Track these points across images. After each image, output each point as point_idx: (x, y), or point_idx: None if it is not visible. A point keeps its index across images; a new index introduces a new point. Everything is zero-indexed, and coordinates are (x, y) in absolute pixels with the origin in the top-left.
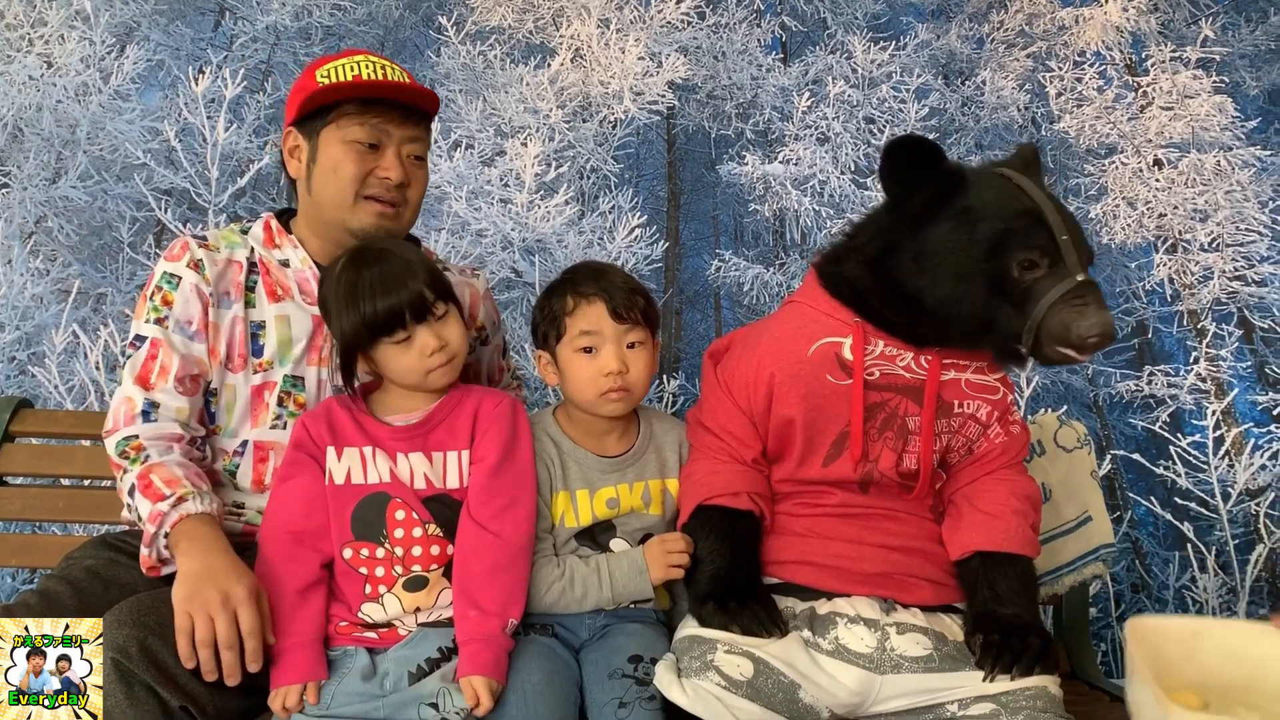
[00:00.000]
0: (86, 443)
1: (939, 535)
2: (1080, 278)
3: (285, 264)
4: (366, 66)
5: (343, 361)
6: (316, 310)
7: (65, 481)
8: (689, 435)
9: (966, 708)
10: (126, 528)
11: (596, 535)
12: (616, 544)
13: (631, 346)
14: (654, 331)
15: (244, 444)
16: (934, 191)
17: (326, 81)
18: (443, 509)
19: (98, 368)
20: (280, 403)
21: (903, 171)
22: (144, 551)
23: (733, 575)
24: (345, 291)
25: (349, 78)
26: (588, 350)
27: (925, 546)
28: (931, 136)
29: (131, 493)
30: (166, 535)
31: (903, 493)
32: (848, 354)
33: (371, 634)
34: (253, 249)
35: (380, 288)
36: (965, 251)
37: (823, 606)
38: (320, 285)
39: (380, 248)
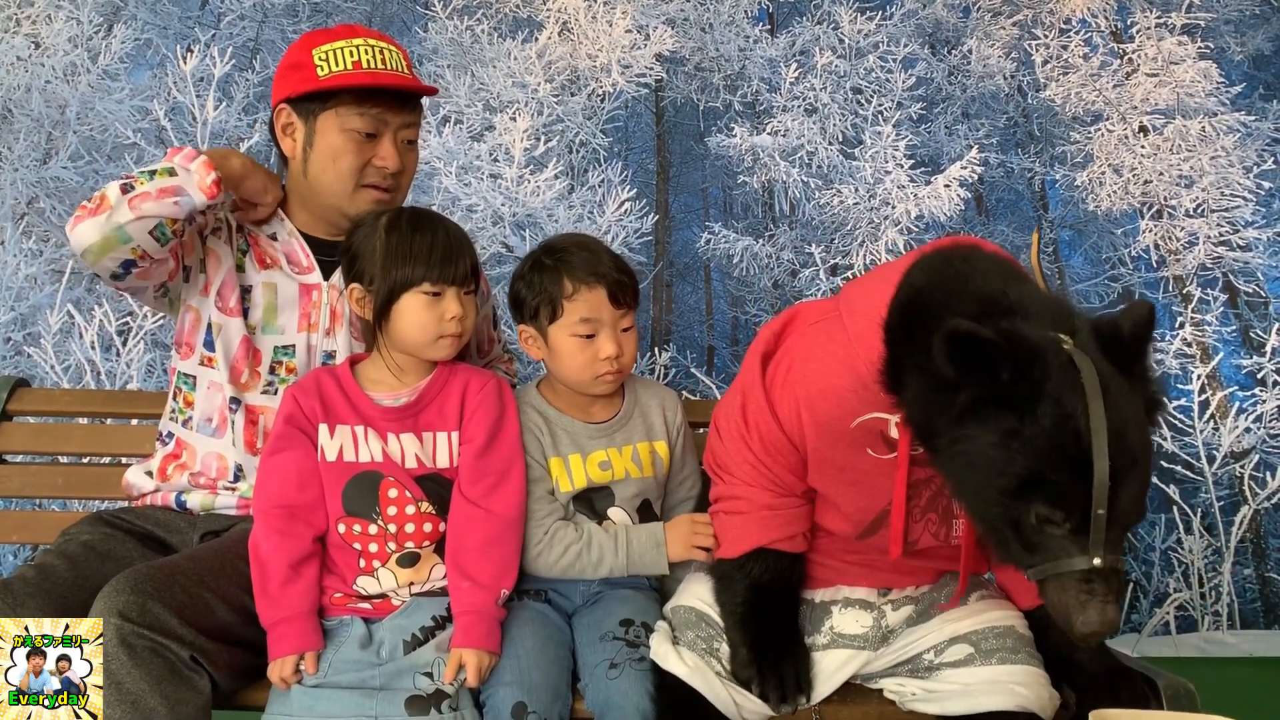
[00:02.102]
0: (84, 420)
1: (959, 554)
2: (1097, 562)
3: (273, 238)
4: (366, 52)
5: (381, 308)
6: (304, 279)
7: (63, 459)
8: (724, 439)
9: (941, 653)
10: (124, 504)
11: (594, 502)
12: (614, 512)
13: (625, 330)
14: (637, 306)
15: (236, 402)
16: (986, 392)
17: (326, 66)
18: (435, 487)
19: (93, 347)
20: (272, 370)
21: (957, 361)
22: (190, 177)
23: (777, 624)
24: (400, 244)
25: (349, 64)
26: (587, 336)
27: (938, 565)
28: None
29: (128, 190)
30: (200, 152)
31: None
32: (893, 432)
33: (366, 605)
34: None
35: (444, 249)
36: (992, 479)
37: (818, 597)
38: (352, 235)
39: (435, 214)
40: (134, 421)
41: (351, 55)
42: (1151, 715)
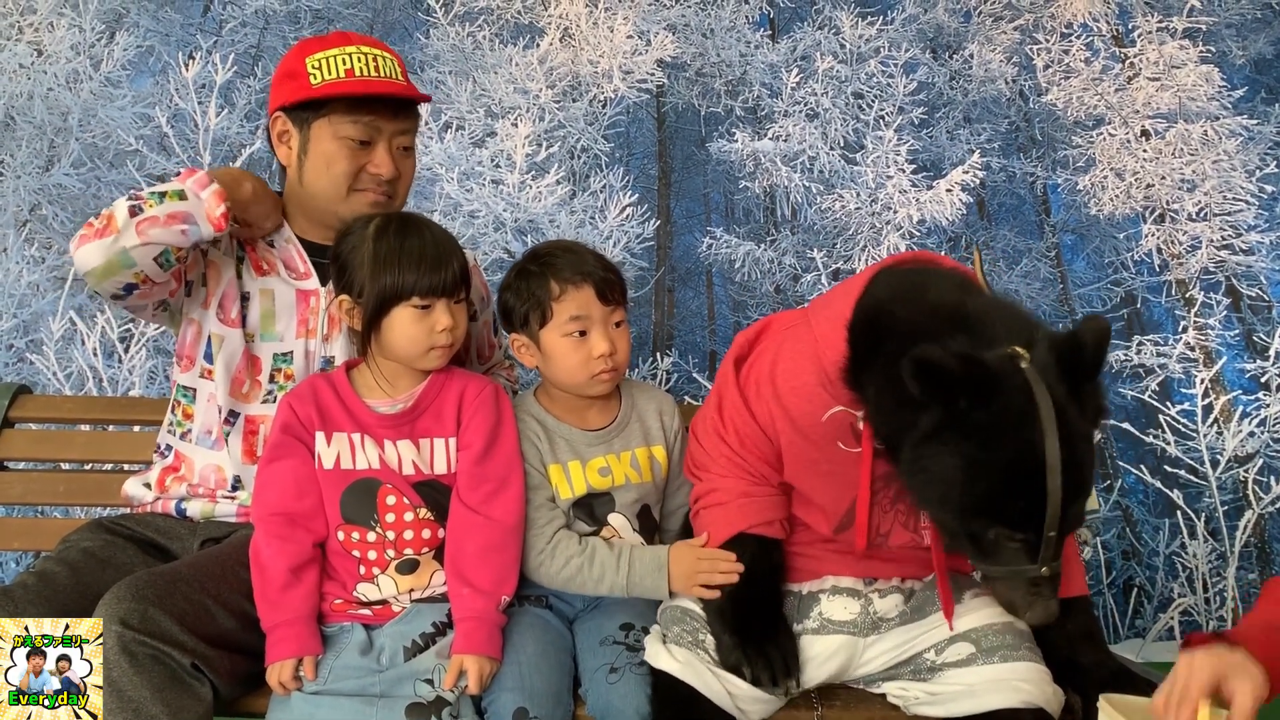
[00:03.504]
0: (86, 427)
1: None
2: (1045, 571)
3: (270, 244)
4: (359, 60)
5: (370, 320)
6: (301, 285)
7: (65, 466)
8: (702, 441)
9: (942, 652)
10: (125, 511)
11: (594, 508)
12: (614, 518)
13: (617, 325)
14: (627, 305)
15: (234, 415)
16: (948, 417)
17: (319, 76)
18: (433, 493)
19: (95, 354)
20: (271, 378)
21: (922, 384)
22: (201, 205)
23: (760, 611)
24: (388, 253)
25: (342, 72)
26: (579, 334)
27: (924, 557)
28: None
29: (136, 213)
30: (213, 178)
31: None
32: (861, 425)
33: (366, 611)
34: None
35: (433, 257)
36: (954, 498)
37: (805, 588)
38: (340, 243)
39: (421, 219)
40: (136, 428)
41: (344, 63)
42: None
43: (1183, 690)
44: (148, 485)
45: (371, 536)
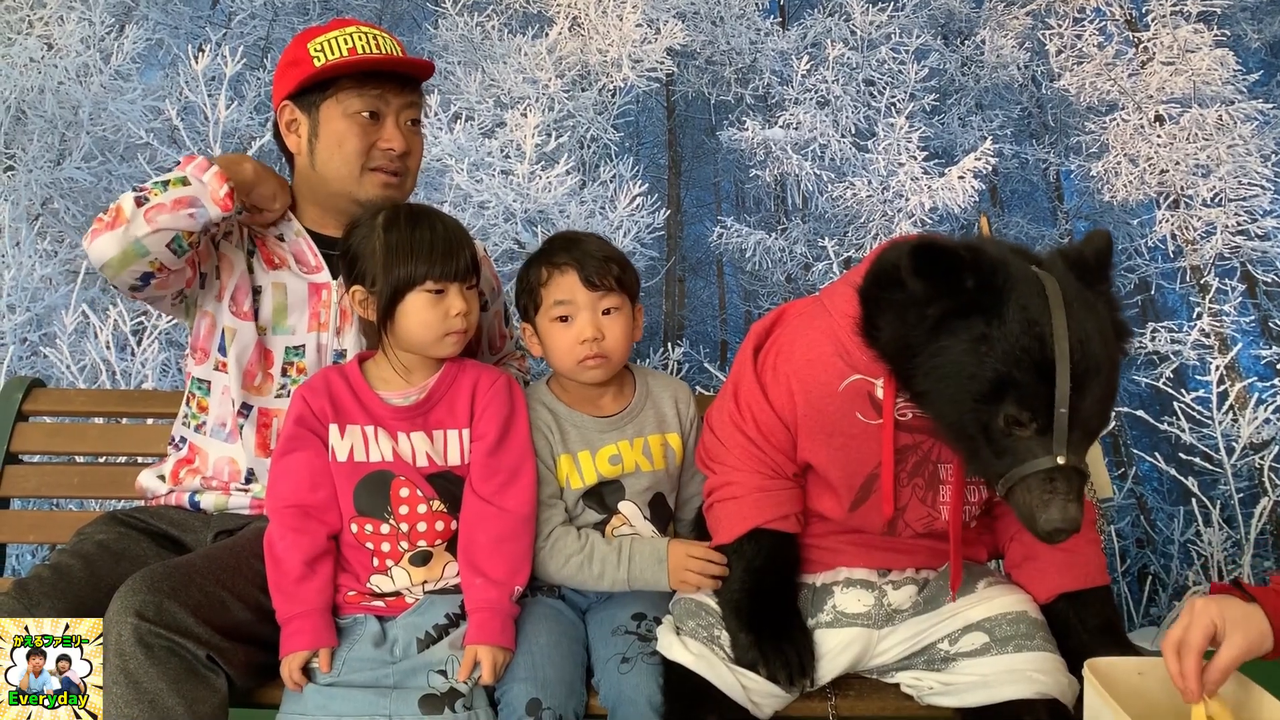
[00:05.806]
0: (99, 420)
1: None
2: (1061, 460)
3: (280, 238)
4: (360, 39)
5: (384, 309)
6: (313, 278)
7: (79, 459)
8: (717, 431)
9: (956, 642)
10: (139, 503)
11: (605, 496)
12: (625, 506)
13: (607, 313)
14: (633, 298)
15: (248, 408)
16: (955, 304)
17: (322, 58)
18: (446, 485)
19: (108, 347)
20: (284, 372)
21: (925, 275)
22: (207, 189)
23: (775, 607)
24: (400, 243)
25: (344, 52)
26: (564, 319)
27: (930, 544)
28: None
29: (142, 203)
30: (212, 162)
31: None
32: (880, 393)
33: (380, 603)
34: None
35: (444, 244)
36: (964, 384)
37: (819, 580)
38: (348, 236)
39: (430, 209)
40: (149, 421)
41: (346, 43)
42: (1135, 661)
43: (1182, 639)
44: (162, 478)
45: (385, 528)
